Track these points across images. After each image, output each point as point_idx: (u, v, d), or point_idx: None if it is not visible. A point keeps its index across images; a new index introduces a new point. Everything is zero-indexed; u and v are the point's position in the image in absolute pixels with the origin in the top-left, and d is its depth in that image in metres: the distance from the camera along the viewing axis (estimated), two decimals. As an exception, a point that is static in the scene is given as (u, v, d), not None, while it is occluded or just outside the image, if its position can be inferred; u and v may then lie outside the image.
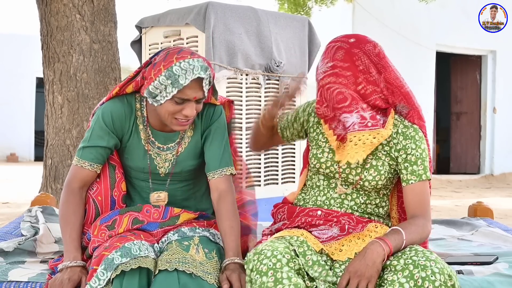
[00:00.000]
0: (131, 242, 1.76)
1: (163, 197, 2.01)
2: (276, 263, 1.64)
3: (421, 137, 1.91)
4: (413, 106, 1.95)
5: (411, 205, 1.88)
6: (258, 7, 4.33)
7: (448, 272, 1.63)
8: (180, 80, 1.79)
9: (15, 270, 1.90)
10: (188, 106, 1.84)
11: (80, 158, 1.94)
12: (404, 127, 1.92)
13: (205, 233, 1.93)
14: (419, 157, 1.88)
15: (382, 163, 1.91)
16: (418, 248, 1.72)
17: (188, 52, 1.84)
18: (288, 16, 4.76)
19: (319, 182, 2.01)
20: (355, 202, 1.95)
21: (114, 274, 1.67)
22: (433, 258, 1.65)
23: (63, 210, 1.91)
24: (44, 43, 4.82)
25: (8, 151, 13.99)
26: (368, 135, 1.87)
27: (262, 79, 4.13)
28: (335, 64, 1.90)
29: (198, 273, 1.69)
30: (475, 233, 2.56)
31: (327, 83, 1.90)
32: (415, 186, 1.87)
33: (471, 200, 6.34)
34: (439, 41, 10.21)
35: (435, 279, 1.60)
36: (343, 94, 1.88)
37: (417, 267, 1.62)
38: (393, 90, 1.92)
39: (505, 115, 10.93)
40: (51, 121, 4.78)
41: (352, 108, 1.88)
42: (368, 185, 1.92)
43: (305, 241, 1.79)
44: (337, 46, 1.92)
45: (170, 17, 4.20)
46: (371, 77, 1.89)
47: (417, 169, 1.88)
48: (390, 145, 1.92)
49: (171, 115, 1.85)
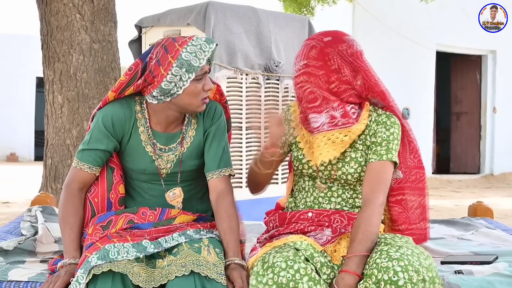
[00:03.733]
0: (112, 245, 1.73)
1: (178, 192, 2.02)
2: (295, 274, 1.64)
3: (393, 122, 1.93)
4: (388, 105, 1.97)
5: (365, 182, 1.88)
6: (259, 6, 4.33)
7: (415, 268, 1.60)
8: (194, 63, 1.84)
9: (15, 270, 1.90)
10: (206, 80, 1.91)
11: (80, 160, 1.95)
12: (377, 116, 1.95)
13: (211, 234, 1.93)
14: (385, 139, 1.90)
15: (361, 154, 1.93)
16: (384, 248, 1.70)
17: (182, 37, 1.89)
18: (288, 16, 4.76)
19: (304, 184, 2.02)
20: (342, 198, 1.96)
21: (87, 278, 1.64)
22: (397, 256, 1.63)
23: (62, 211, 1.92)
24: (44, 43, 4.82)
25: (8, 151, 14.00)
26: (339, 134, 1.88)
27: (262, 79, 4.13)
28: (308, 63, 1.91)
29: (212, 275, 1.68)
30: (475, 232, 2.56)
31: (300, 81, 1.92)
32: (374, 164, 1.89)
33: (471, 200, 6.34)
34: (439, 41, 10.21)
35: (397, 279, 1.59)
36: (314, 93, 1.90)
37: (380, 270, 1.62)
38: (368, 89, 1.94)
39: (505, 115, 10.92)
40: (51, 121, 4.78)
41: (322, 108, 1.89)
42: (351, 178, 1.93)
43: (309, 244, 1.79)
44: (312, 44, 1.92)
45: (170, 17, 4.20)
46: (344, 76, 1.90)
47: (380, 149, 1.89)
48: (365, 133, 1.94)
49: (197, 97, 1.89)
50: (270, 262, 1.68)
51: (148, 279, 1.69)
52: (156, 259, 1.80)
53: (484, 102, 11.04)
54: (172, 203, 2.01)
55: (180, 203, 2.01)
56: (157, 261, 1.78)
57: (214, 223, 2.01)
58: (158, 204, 2.00)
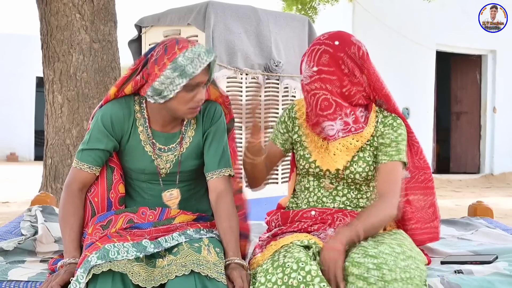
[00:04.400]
0: (112, 244, 1.73)
1: (176, 194, 2.01)
2: (306, 276, 1.63)
3: (399, 124, 1.97)
4: (392, 107, 1.99)
5: (379, 183, 1.92)
6: (259, 6, 4.33)
7: (390, 267, 1.60)
8: (188, 70, 1.81)
9: (15, 270, 1.90)
10: (199, 91, 1.87)
11: (79, 160, 1.95)
12: (383, 117, 1.98)
13: (211, 234, 1.93)
14: (393, 140, 1.94)
15: (368, 154, 1.96)
16: (364, 243, 1.72)
17: (185, 41, 1.86)
18: (288, 15, 4.76)
19: (309, 183, 2.02)
20: (347, 197, 1.98)
21: (87, 278, 1.64)
22: (372, 253, 1.64)
23: (62, 211, 1.92)
24: (44, 43, 4.82)
25: (8, 150, 13.99)
26: (352, 139, 1.92)
27: (262, 79, 4.13)
28: (321, 69, 1.90)
29: (212, 275, 1.68)
30: (475, 232, 2.56)
31: (313, 89, 1.92)
32: (386, 165, 1.92)
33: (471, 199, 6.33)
34: (439, 40, 10.21)
35: (369, 276, 1.59)
36: (328, 100, 1.90)
37: (354, 265, 1.63)
38: (375, 90, 1.97)
39: (505, 115, 10.93)
40: (51, 121, 4.78)
41: (336, 115, 1.91)
42: (359, 177, 1.95)
43: (315, 242, 1.79)
44: (322, 49, 1.91)
45: (170, 16, 4.20)
46: (356, 78, 1.92)
47: (390, 150, 1.93)
48: (372, 134, 1.96)
49: (185, 105, 1.87)
50: (281, 261, 1.68)
51: (148, 278, 1.68)
52: (156, 259, 1.79)
53: (484, 102, 11.05)
54: (167, 204, 2.00)
55: (176, 204, 2.01)
56: (157, 261, 1.78)
57: (214, 222, 2.01)
58: (158, 204, 2.00)
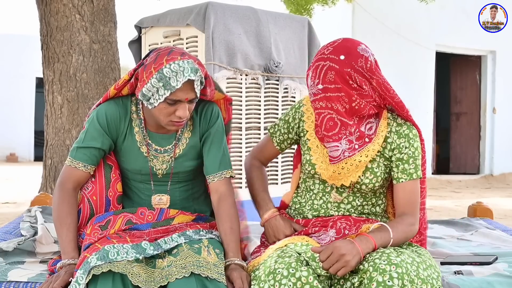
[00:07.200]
0: (111, 245, 1.73)
1: (165, 200, 2.01)
2: (296, 283, 1.62)
3: (415, 135, 1.91)
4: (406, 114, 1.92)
5: (400, 203, 1.89)
6: (259, 7, 4.33)
7: (411, 278, 1.60)
8: (171, 83, 1.78)
9: (15, 270, 1.90)
10: (181, 107, 1.83)
11: (74, 158, 1.93)
12: (397, 125, 1.92)
13: (210, 235, 1.93)
14: (411, 156, 1.89)
15: (377, 165, 1.91)
16: (386, 250, 1.70)
17: (178, 53, 1.82)
18: (288, 16, 4.76)
19: (314, 186, 2.00)
20: (352, 205, 1.96)
21: (87, 279, 1.64)
22: (396, 261, 1.62)
23: (58, 211, 1.90)
24: (44, 43, 4.82)
25: (8, 151, 13.99)
26: (359, 157, 1.88)
27: (262, 80, 4.13)
28: (326, 87, 1.84)
29: (213, 276, 1.68)
30: (475, 233, 2.57)
31: (318, 107, 1.88)
32: (406, 184, 1.88)
33: (470, 200, 6.34)
34: (438, 41, 10.21)
35: (392, 284, 1.58)
36: (333, 120, 1.86)
37: (376, 270, 1.61)
38: (385, 99, 1.90)
39: (505, 115, 10.92)
40: (51, 121, 4.78)
41: (341, 135, 1.88)
42: (365, 188, 1.92)
43: (308, 244, 1.79)
44: (327, 66, 1.83)
45: (170, 17, 4.20)
46: (365, 91, 1.86)
47: (408, 167, 1.88)
48: (384, 145, 1.91)
49: (165, 117, 1.85)
50: (272, 268, 1.67)
51: (148, 279, 1.69)
52: (156, 259, 1.80)
53: (483, 102, 11.04)
54: (155, 207, 1.99)
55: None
56: (157, 261, 1.78)
57: (214, 223, 2.01)
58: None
